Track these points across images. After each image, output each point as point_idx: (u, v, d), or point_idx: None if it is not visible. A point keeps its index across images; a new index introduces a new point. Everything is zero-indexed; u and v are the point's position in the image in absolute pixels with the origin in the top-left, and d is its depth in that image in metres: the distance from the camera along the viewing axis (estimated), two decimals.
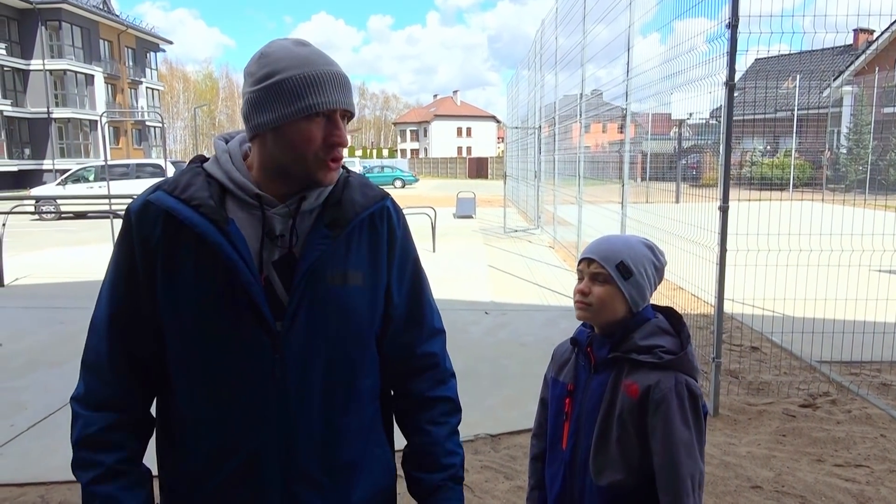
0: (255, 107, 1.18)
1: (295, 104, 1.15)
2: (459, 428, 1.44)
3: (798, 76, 22.77)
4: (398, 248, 1.35)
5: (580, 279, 1.58)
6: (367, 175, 40.29)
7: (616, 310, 1.52)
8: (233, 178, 1.22)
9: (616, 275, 1.50)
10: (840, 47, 23.96)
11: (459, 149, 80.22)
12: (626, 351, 1.49)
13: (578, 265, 1.60)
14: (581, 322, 1.62)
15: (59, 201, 18.42)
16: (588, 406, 1.53)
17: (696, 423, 1.45)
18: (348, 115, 1.22)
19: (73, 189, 19.27)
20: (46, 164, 36.19)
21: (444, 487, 1.36)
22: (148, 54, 48.35)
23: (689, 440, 1.42)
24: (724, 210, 4.04)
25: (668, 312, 1.58)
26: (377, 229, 1.31)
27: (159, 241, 1.20)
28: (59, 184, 20.16)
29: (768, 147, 22.41)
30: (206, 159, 1.29)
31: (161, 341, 1.25)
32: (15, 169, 34.46)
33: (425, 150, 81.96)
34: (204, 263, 1.18)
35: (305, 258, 1.21)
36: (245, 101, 1.20)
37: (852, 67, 26.53)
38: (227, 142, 1.30)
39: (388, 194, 1.36)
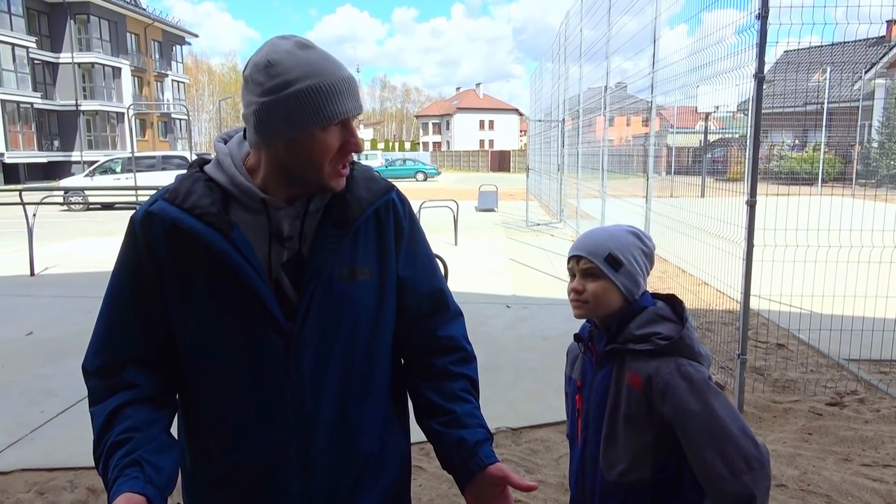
0: (268, 119, 1.13)
1: (312, 116, 1.12)
2: None
3: (829, 68, 22.30)
4: (405, 239, 1.34)
5: (572, 277, 1.56)
6: (389, 168, 40.43)
7: (612, 302, 1.50)
8: (236, 182, 1.20)
9: (606, 268, 1.48)
10: (872, 39, 23.35)
11: (482, 142, 79.90)
12: (623, 342, 1.47)
13: (568, 263, 1.58)
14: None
15: (87, 192, 18.75)
16: (595, 401, 1.52)
17: (715, 397, 1.37)
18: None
19: (100, 180, 19.63)
20: (75, 155, 36.79)
21: (488, 441, 1.35)
22: (174, 47, 48.85)
23: (710, 419, 1.34)
24: (751, 205, 3.98)
25: (669, 299, 1.54)
26: (383, 223, 1.30)
27: (165, 252, 1.20)
28: (87, 175, 20.58)
29: (797, 141, 22.00)
30: (207, 161, 1.27)
31: (170, 344, 1.26)
32: (45, 160, 35.10)
33: (447, 143, 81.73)
34: (212, 271, 1.18)
35: (314, 258, 1.21)
36: (253, 112, 1.14)
37: (885, 59, 25.89)
38: (225, 142, 1.28)
39: (393, 186, 1.34)
